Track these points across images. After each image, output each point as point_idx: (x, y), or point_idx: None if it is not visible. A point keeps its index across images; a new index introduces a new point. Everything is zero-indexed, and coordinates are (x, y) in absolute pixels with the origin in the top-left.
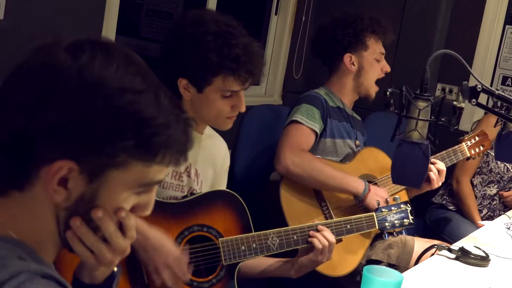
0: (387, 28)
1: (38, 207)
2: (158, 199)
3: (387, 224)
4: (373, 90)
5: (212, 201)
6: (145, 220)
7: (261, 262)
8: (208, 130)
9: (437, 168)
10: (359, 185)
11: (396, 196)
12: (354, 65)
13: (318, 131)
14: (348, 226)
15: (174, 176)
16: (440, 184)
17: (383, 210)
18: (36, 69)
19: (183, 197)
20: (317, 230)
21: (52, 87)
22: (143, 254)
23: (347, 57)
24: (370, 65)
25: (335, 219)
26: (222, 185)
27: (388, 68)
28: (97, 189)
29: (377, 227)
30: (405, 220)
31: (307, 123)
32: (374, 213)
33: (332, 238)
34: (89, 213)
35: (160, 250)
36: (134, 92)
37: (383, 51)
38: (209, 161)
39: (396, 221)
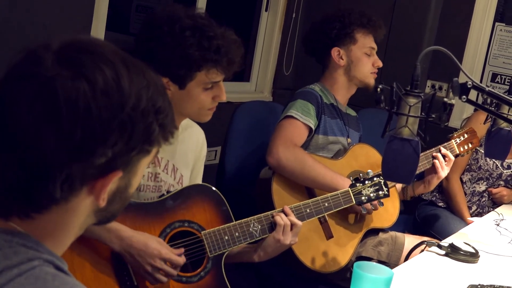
0: (378, 24)
1: (69, 214)
2: (136, 201)
3: (363, 197)
4: (369, 79)
5: (189, 196)
6: (127, 222)
7: None
8: (186, 121)
9: (444, 154)
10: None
11: (369, 170)
12: (342, 59)
13: (312, 127)
14: (326, 204)
15: (150, 177)
16: (446, 173)
17: (357, 184)
18: (54, 103)
19: (160, 196)
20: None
21: (85, 116)
22: (129, 259)
23: (334, 51)
24: (359, 59)
25: (313, 199)
26: (200, 174)
27: (380, 63)
28: (130, 179)
29: (354, 202)
30: (380, 192)
31: (301, 119)
32: (349, 188)
33: (296, 220)
34: (123, 196)
35: (145, 254)
36: (145, 88)
37: (374, 46)
38: (188, 153)
39: (371, 194)
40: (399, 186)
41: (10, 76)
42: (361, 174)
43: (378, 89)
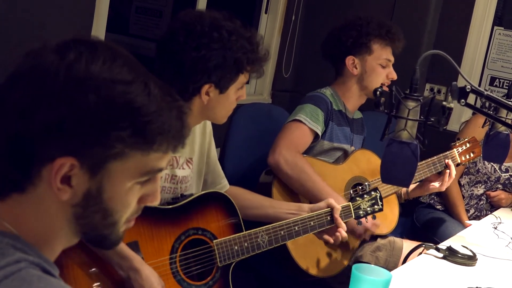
0: (397, 36)
1: (42, 206)
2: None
3: (361, 212)
4: None
5: (204, 203)
6: (145, 227)
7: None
8: None
9: (450, 168)
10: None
11: (367, 183)
12: (356, 68)
13: (319, 133)
14: (329, 218)
15: (166, 179)
16: (447, 186)
17: (357, 199)
18: (26, 73)
19: (173, 198)
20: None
21: (43, 88)
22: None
23: (349, 59)
24: (373, 70)
25: (316, 212)
26: (213, 148)
27: (394, 76)
28: (101, 182)
29: (353, 216)
30: (375, 206)
31: (309, 124)
32: (350, 203)
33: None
34: (99, 205)
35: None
36: (123, 82)
37: (391, 58)
38: (196, 140)
39: (368, 208)
40: None
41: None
42: (361, 187)
43: (378, 93)
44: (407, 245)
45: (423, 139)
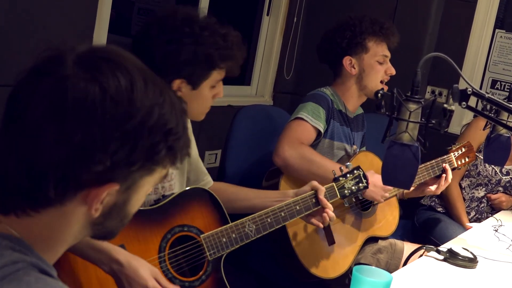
0: (390, 31)
1: (63, 219)
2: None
3: (346, 191)
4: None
5: (186, 200)
6: (130, 229)
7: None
8: None
9: (447, 172)
10: None
11: (348, 163)
12: (354, 68)
13: (322, 130)
14: (314, 200)
15: None
16: (442, 189)
17: (341, 178)
18: (62, 101)
19: (156, 200)
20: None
21: (89, 119)
22: (118, 282)
23: (346, 60)
24: (371, 67)
25: (301, 196)
26: (193, 146)
27: (393, 71)
28: (130, 195)
29: (339, 196)
30: (360, 184)
31: (311, 121)
32: (333, 183)
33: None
34: (121, 213)
35: (133, 281)
36: (158, 105)
37: (387, 53)
38: None
39: (353, 187)
40: None
41: (32, 71)
42: (341, 168)
43: (379, 95)
44: (408, 247)
45: (424, 141)
